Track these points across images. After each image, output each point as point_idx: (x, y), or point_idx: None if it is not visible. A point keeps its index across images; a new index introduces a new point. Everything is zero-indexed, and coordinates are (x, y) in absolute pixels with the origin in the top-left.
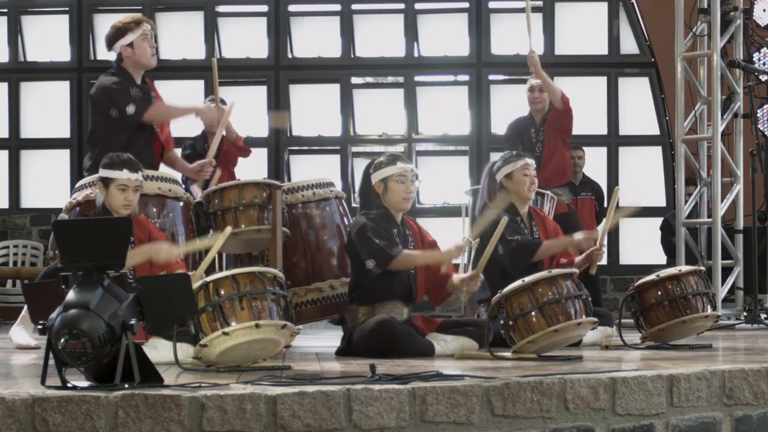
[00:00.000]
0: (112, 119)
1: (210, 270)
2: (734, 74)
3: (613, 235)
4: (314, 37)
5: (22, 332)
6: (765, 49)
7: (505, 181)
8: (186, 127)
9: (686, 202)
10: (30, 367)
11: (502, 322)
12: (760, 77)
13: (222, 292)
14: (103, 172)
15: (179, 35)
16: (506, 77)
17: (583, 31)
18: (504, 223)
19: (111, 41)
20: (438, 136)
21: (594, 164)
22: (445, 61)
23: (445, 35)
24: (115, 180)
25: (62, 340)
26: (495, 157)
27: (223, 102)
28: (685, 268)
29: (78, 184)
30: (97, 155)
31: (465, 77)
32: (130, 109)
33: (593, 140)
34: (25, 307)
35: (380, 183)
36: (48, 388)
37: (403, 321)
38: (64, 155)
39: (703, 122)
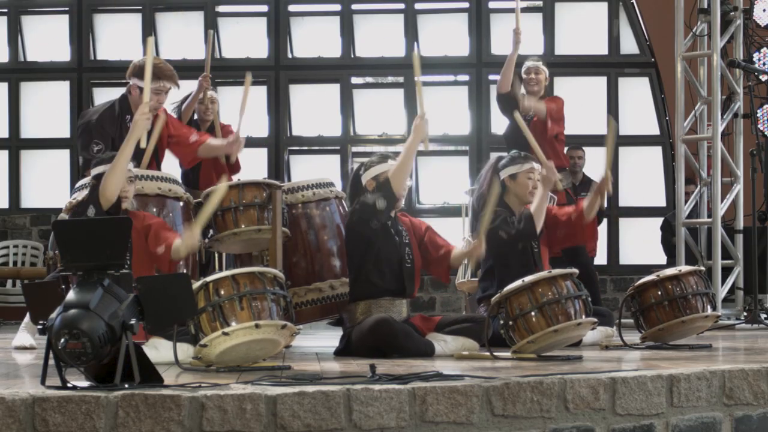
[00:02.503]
0: (97, 150)
1: (210, 270)
2: (734, 74)
3: (613, 234)
4: (314, 37)
5: (23, 334)
6: (765, 49)
7: (509, 181)
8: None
9: (686, 202)
10: (30, 367)
11: (501, 322)
12: (760, 77)
13: (222, 292)
14: (95, 171)
15: (179, 35)
16: None
17: (583, 31)
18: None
19: (132, 73)
20: (438, 136)
21: (594, 164)
22: (445, 61)
23: (445, 35)
24: None
25: (62, 340)
26: (495, 157)
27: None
28: (685, 268)
29: (78, 184)
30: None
31: (465, 77)
32: (94, 149)
33: (593, 140)
34: (27, 314)
35: (372, 181)
36: (48, 388)
37: (402, 320)
38: (64, 155)
39: (703, 122)
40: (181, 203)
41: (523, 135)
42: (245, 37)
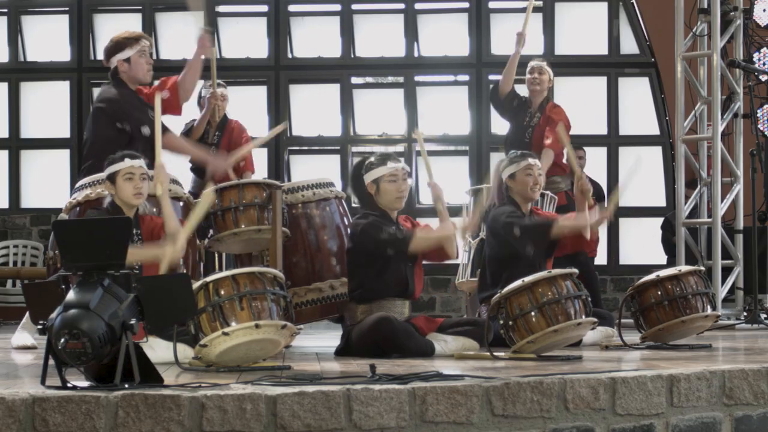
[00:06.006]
0: (118, 131)
1: (210, 270)
2: (734, 74)
3: (614, 234)
4: (314, 37)
5: (23, 334)
6: (765, 49)
7: (509, 180)
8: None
9: (686, 202)
10: (30, 367)
11: (501, 322)
12: (760, 77)
13: (222, 293)
14: (108, 170)
15: (179, 35)
16: None
17: (583, 31)
18: None
19: (108, 54)
20: (438, 136)
21: (594, 164)
22: (445, 61)
23: (445, 35)
24: (120, 171)
25: (62, 340)
26: (495, 157)
27: (220, 85)
28: (684, 268)
29: (78, 184)
30: (94, 163)
31: (465, 77)
32: (146, 130)
33: (593, 140)
34: (26, 314)
35: (372, 184)
36: (48, 388)
37: (403, 320)
38: (64, 155)
39: (703, 122)
40: (181, 203)
41: (522, 138)
42: (245, 37)
